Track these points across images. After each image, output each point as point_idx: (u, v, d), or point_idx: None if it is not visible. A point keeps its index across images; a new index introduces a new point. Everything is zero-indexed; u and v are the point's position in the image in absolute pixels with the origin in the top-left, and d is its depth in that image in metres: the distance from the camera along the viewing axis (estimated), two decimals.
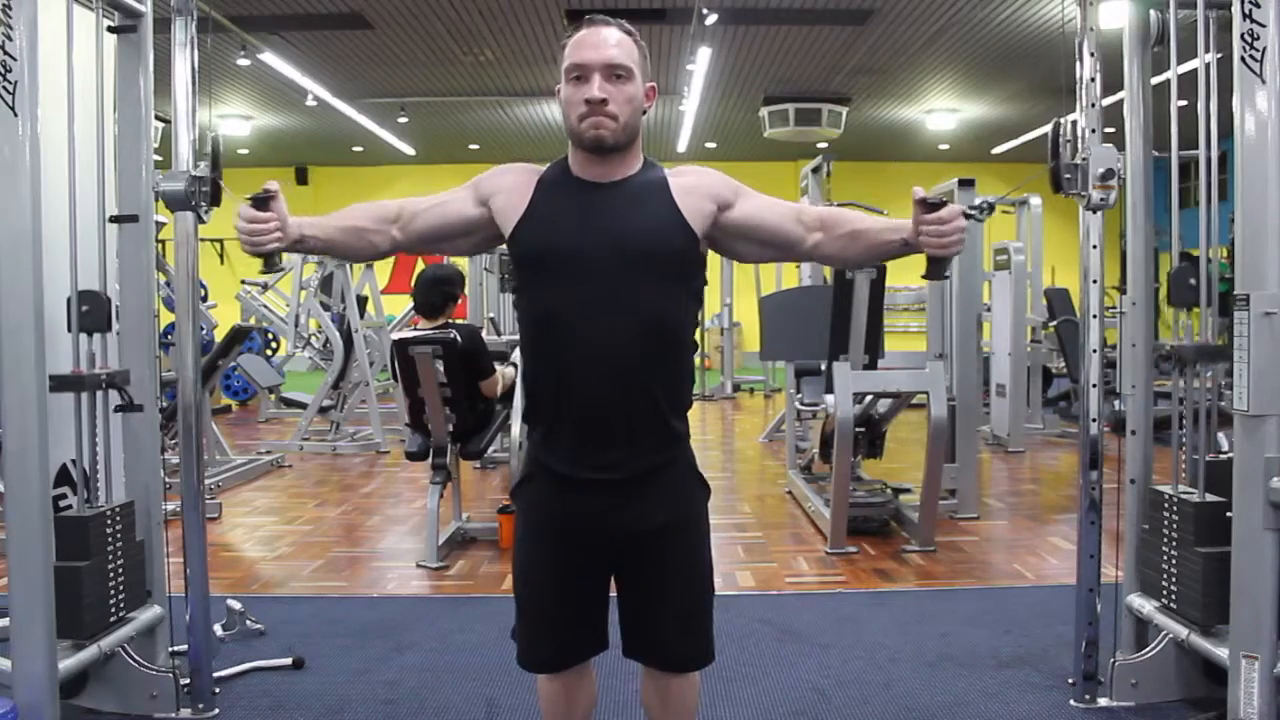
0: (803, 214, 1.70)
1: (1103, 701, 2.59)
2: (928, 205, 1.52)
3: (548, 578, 1.72)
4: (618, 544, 1.69)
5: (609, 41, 1.60)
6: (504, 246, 1.71)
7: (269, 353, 9.75)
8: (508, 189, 1.67)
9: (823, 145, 10.76)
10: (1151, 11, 2.55)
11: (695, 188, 1.66)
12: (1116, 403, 2.85)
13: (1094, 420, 2.61)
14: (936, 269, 1.59)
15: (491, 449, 4.87)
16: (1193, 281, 2.44)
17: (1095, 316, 2.61)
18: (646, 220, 1.61)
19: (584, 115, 1.58)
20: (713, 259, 1.77)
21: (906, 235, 1.57)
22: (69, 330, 2.39)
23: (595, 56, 1.58)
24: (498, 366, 4.30)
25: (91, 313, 2.41)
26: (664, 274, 1.62)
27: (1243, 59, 2.08)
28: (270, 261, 1.61)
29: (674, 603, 1.71)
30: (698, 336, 1.82)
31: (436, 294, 4.32)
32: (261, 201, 1.54)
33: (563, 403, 1.63)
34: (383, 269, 11.72)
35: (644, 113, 1.66)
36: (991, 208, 1.65)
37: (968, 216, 1.54)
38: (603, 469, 1.63)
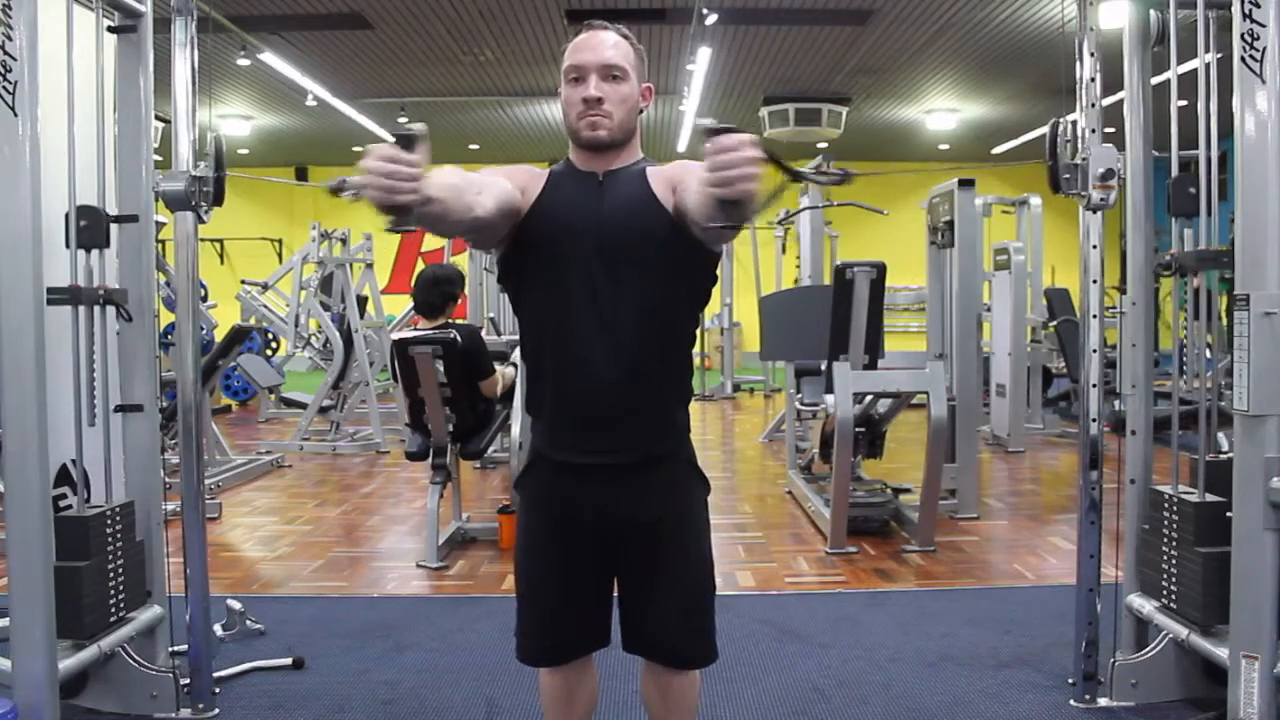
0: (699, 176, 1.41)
1: (1103, 701, 2.59)
2: (713, 131, 1.22)
3: (550, 568, 1.74)
4: (618, 534, 1.70)
5: (606, 44, 1.65)
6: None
7: (269, 353, 9.75)
8: (529, 183, 1.69)
9: (823, 145, 10.76)
10: (1151, 11, 2.55)
11: (663, 173, 1.68)
12: (1116, 403, 2.85)
13: (1094, 420, 2.61)
14: (724, 211, 1.23)
15: (491, 449, 4.87)
16: (1192, 190, 2.41)
17: (1095, 316, 2.61)
18: (625, 202, 1.65)
19: (581, 114, 1.64)
20: None
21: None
22: (66, 246, 2.35)
23: (592, 58, 1.63)
24: (498, 366, 4.30)
25: (89, 228, 2.38)
26: (655, 260, 1.63)
27: (1243, 59, 2.08)
28: (401, 219, 1.27)
29: (674, 598, 1.72)
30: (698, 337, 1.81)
31: (436, 294, 4.32)
32: (409, 140, 1.24)
33: (565, 387, 1.66)
34: (383, 269, 11.71)
35: (640, 112, 1.71)
36: (846, 176, 1.41)
37: (770, 156, 1.24)
38: (604, 453, 1.65)
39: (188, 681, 2.58)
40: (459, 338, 4.02)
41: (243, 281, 8.77)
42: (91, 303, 2.39)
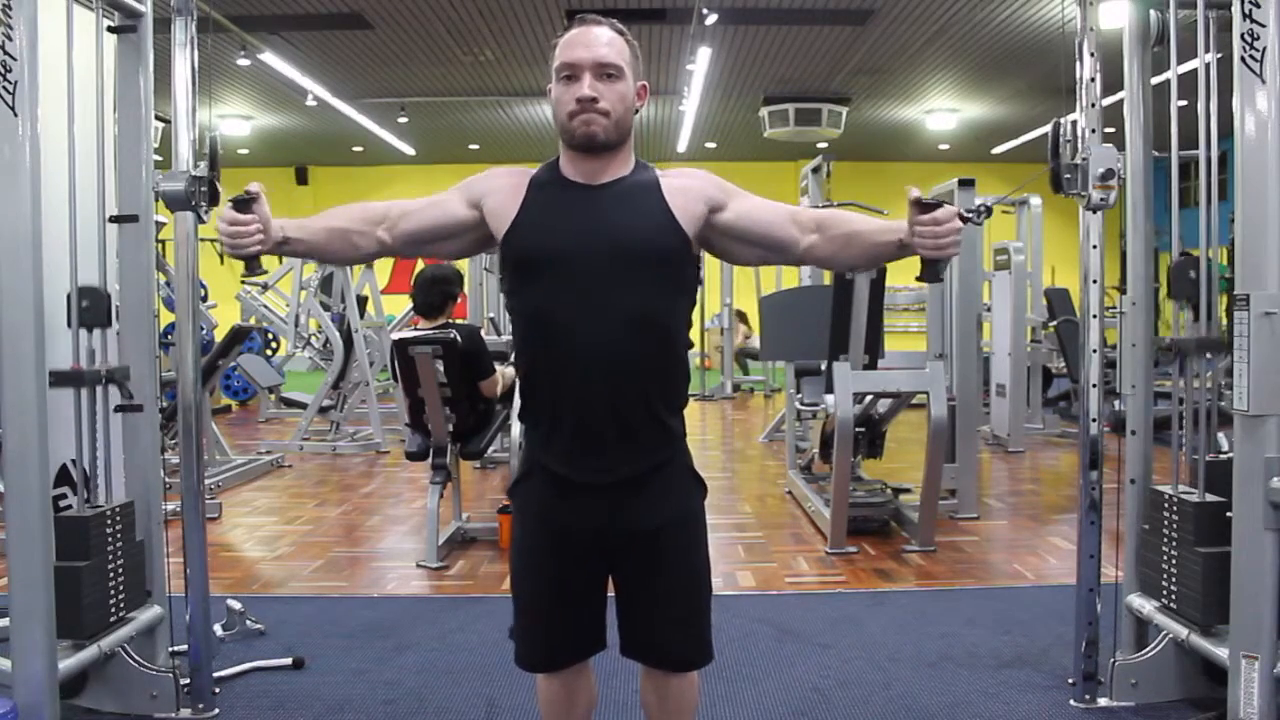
0: (798, 216, 1.69)
1: (1103, 701, 2.59)
2: (923, 206, 1.48)
3: (545, 577, 1.72)
4: (615, 544, 1.69)
5: (600, 40, 1.59)
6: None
7: (269, 353, 9.75)
8: (500, 190, 1.66)
9: (823, 145, 10.76)
10: (1151, 11, 2.55)
11: (686, 189, 1.65)
12: (1116, 403, 2.85)
13: (1094, 420, 2.61)
14: (931, 271, 1.55)
15: (491, 449, 4.87)
16: (1192, 274, 2.43)
17: (1095, 316, 2.61)
18: (638, 221, 1.61)
19: (575, 113, 1.58)
20: (711, 261, 1.76)
21: (903, 236, 1.54)
22: (69, 326, 2.39)
23: (586, 55, 1.58)
24: (498, 366, 4.30)
25: (91, 308, 2.40)
26: (656, 274, 1.62)
27: (1243, 59, 2.08)
28: (252, 265, 1.58)
29: (671, 602, 1.71)
30: (697, 338, 1.81)
31: (436, 294, 4.32)
32: (244, 203, 1.52)
33: (558, 403, 1.63)
34: (383, 269, 11.71)
35: (635, 112, 1.66)
36: (989, 210, 1.62)
37: (965, 219, 1.51)
38: (599, 470, 1.63)
39: (188, 681, 2.58)
40: (459, 338, 4.02)
41: (243, 281, 8.76)
42: (94, 384, 2.42)
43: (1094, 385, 2.60)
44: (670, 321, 1.65)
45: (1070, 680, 2.68)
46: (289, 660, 2.91)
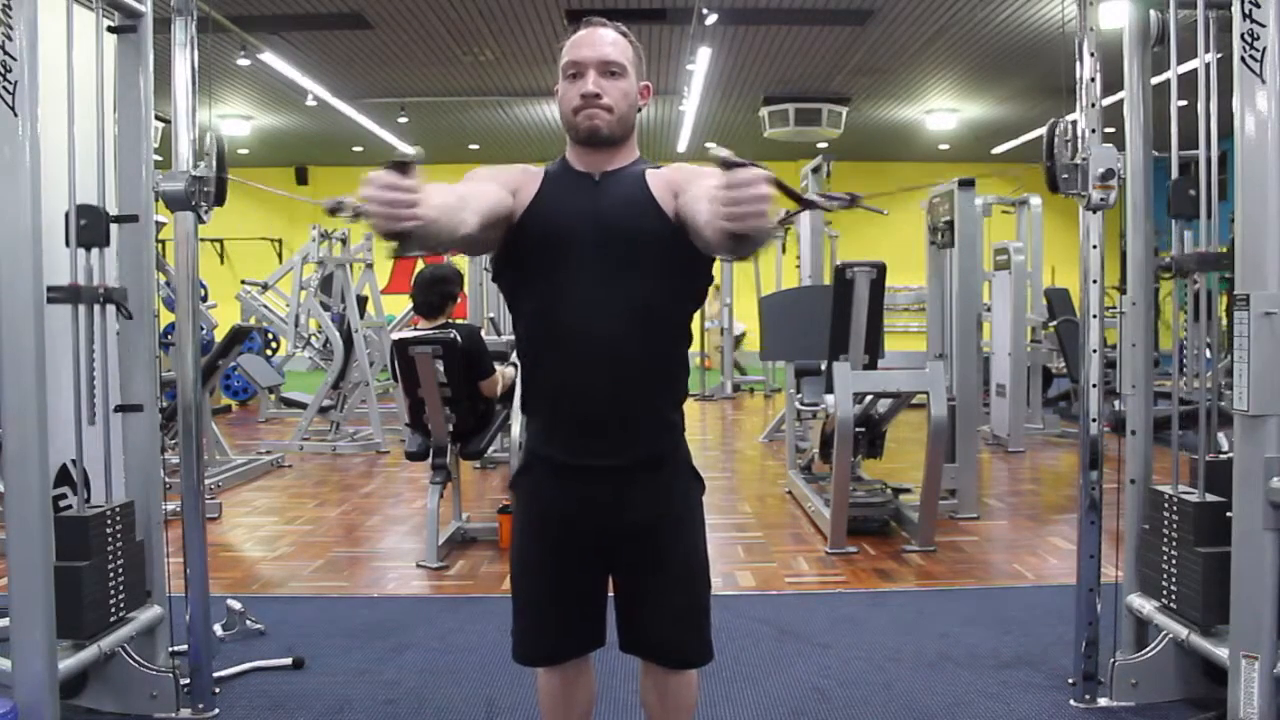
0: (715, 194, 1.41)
1: (1103, 701, 2.59)
2: (728, 165, 1.16)
3: (545, 570, 1.73)
4: (614, 535, 1.69)
5: (604, 40, 1.65)
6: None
7: (269, 353, 9.75)
8: (523, 183, 1.68)
9: (823, 145, 10.76)
10: (1151, 11, 2.55)
11: (663, 176, 1.67)
12: (1116, 403, 2.85)
13: (1094, 420, 2.61)
14: (733, 244, 1.21)
15: (491, 449, 4.87)
16: (1192, 192, 2.41)
17: (1095, 316, 2.61)
18: (621, 205, 1.64)
19: (579, 108, 1.63)
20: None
21: None
22: (66, 245, 2.34)
23: (591, 54, 1.63)
24: (498, 366, 4.30)
25: (89, 226, 2.38)
26: (650, 260, 1.62)
27: (1243, 59, 2.08)
28: (406, 244, 1.25)
29: (670, 597, 1.72)
30: (697, 338, 1.81)
31: (435, 294, 4.32)
32: (404, 166, 1.23)
33: (559, 391, 1.65)
34: (383, 269, 11.71)
35: (638, 110, 1.70)
36: (852, 200, 1.34)
37: (787, 190, 1.23)
38: (599, 455, 1.65)
39: (188, 681, 2.58)
40: (459, 338, 4.02)
41: (243, 281, 8.77)
42: (92, 301, 2.38)
43: (1094, 385, 2.60)
44: (668, 311, 1.67)
45: (1070, 680, 2.68)
46: (289, 660, 2.91)
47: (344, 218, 1.41)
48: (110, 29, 2.54)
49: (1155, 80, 2.59)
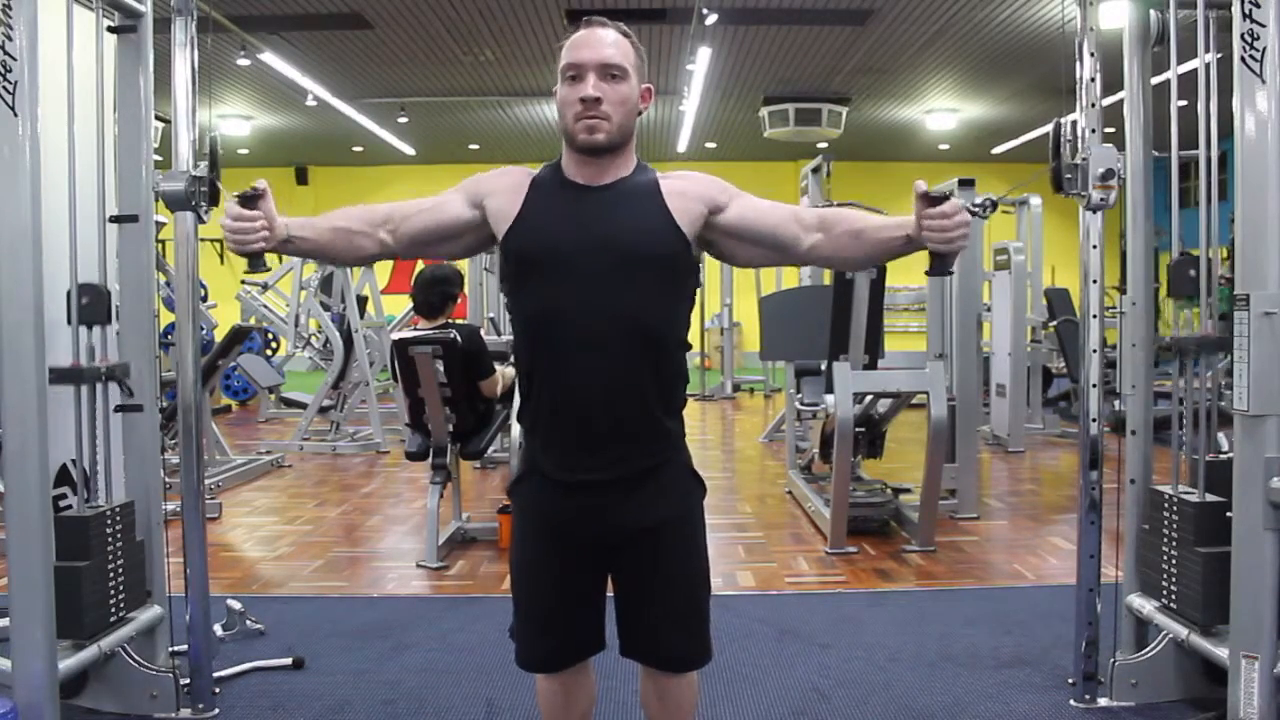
0: (801, 215, 1.68)
1: (1103, 701, 2.59)
2: (930, 199, 1.48)
3: (544, 576, 1.72)
4: (613, 542, 1.69)
5: (605, 42, 1.60)
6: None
7: (269, 353, 9.75)
8: (502, 190, 1.67)
9: (823, 145, 10.77)
10: (1151, 11, 2.55)
11: (686, 191, 1.65)
12: (1116, 403, 2.85)
13: (1094, 420, 2.61)
14: (940, 265, 1.55)
15: (491, 449, 4.86)
16: (1192, 273, 2.43)
17: (1095, 316, 2.61)
18: (637, 223, 1.62)
19: (579, 115, 1.59)
20: (711, 261, 1.76)
21: (910, 231, 1.54)
22: (69, 323, 2.38)
23: (591, 56, 1.59)
24: (498, 366, 4.30)
25: (91, 305, 2.40)
26: (655, 277, 1.62)
27: (1243, 59, 2.08)
28: (255, 262, 1.58)
29: (670, 601, 1.71)
30: (697, 338, 1.81)
31: (435, 294, 4.32)
32: (249, 199, 1.51)
33: (556, 403, 1.64)
34: (382, 269, 11.72)
35: (639, 114, 1.66)
36: (994, 205, 1.59)
37: (971, 213, 1.51)
38: (597, 469, 1.63)
39: (188, 681, 2.58)
40: (459, 338, 4.02)
41: (243, 281, 8.77)
42: (94, 381, 2.41)
43: (1094, 385, 2.60)
44: (668, 324, 1.66)
45: (1070, 680, 2.68)
46: (289, 660, 2.91)
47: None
48: (110, 29, 2.54)
49: (1155, 80, 2.59)
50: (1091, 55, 2.55)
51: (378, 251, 1.70)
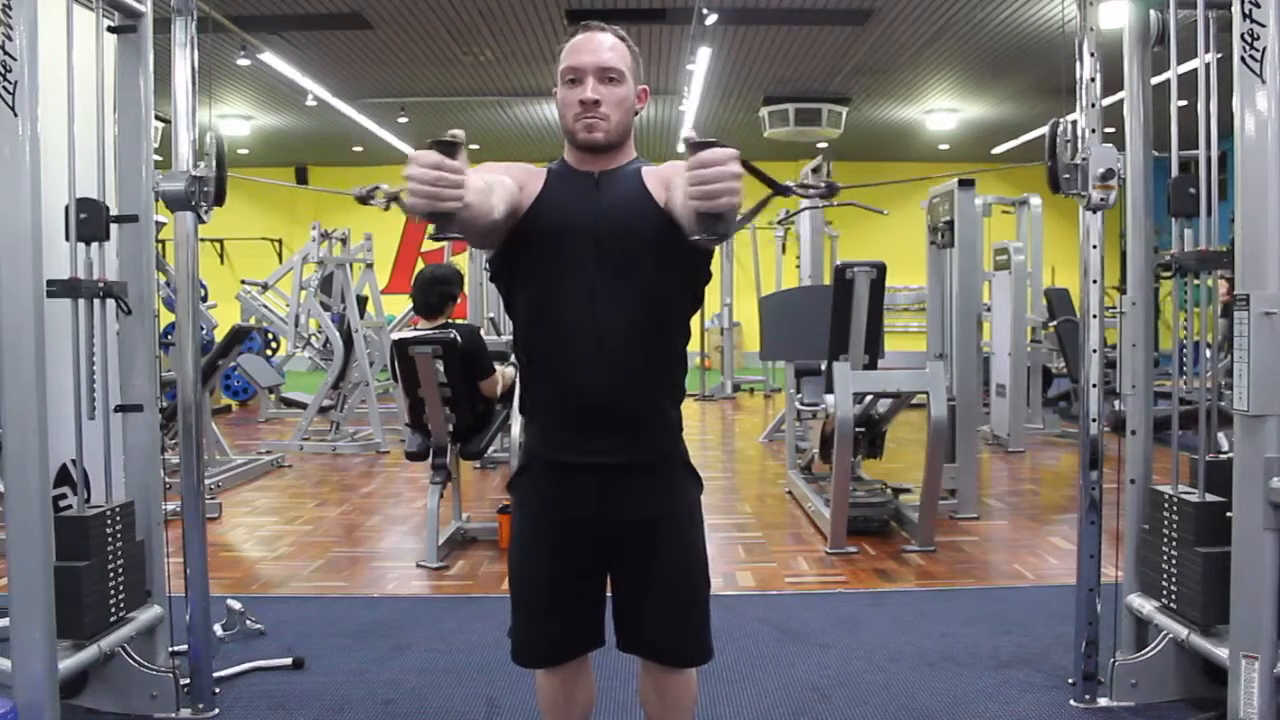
0: (672, 179, 1.57)
1: (1103, 701, 2.59)
2: (695, 146, 1.22)
3: (543, 571, 1.73)
4: (612, 535, 1.70)
5: (603, 45, 1.65)
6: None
7: (269, 353, 9.75)
8: (528, 180, 1.69)
9: (823, 145, 10.76)
10: (1151, 11, 2.55)
11: (658, 172, 1.68)
12: (1116, 403, 2.85)
13: (1094, 420, 2.61)
14: (707, 226, 1.25)
15: (491, 449, 4.87)
16: (1192, 190, 2.40)
17: (1095, 316, 2.61)
18: (620, 200, 1.65)
19: (578, 116, 1.64)
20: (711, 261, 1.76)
21: None
22: (66, 239, 2.34)
23: (589, 60, 1.63)
24: (498, 366, 4.30)
25: (89, 220, 2.38)
26: (649, 255, 1.63)
27: (1243, 59, 2.08)
28: (446, 224, 1.27)
29: (669, 595, 1.72)
30: (697, 338, 1.82)
31: (435, 294, 4.32)
32: (450, 147, 1.24)
33: (558, 387, 1.66)
34: (383, 269, 11.71)
35: (636, 113, 1.71)
36: (834, 190, 1.43)
37: (780, 190, 1.29)
38: (597, 453, 1.65)
39: (188, 681, 2.58)
40: (459, 338, 4.02)
41: (243, 281, 8.77)
42: (91, 295, 2.38)
43: (1094, 385, 2.60)
44: (666, 308, 1.68)
45: (1070, 680, 2.68)
46: (289, 660, 2.91)
47: (377, 205, 1.46)
48: (110, 29, 2.54)
49: (1155, 80, 2.59)
50: (1091, 55, 2.55)
51: (496, 219, 1.52)
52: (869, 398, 4.43)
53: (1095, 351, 2.60)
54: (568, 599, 1.73)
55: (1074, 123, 2.50)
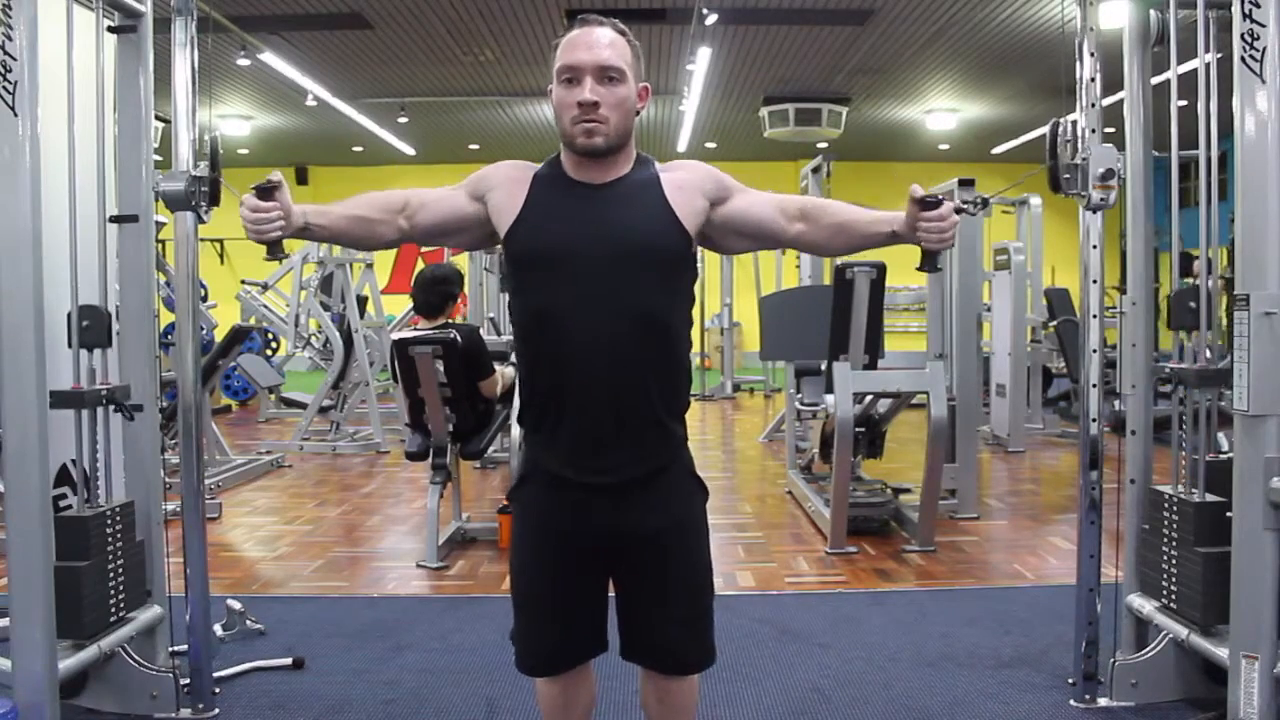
0: (785, 205, 1.71)
1: (1103, 701, 2.59)
2: (925, 204, 1.57)
3: (545, 579, 1.71)
4: (615, 547, 1.68)
5: (601, 42, 1.57)
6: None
7: (269, 353, 9.75)
8: (503, 185, 1.66)
9: (823, 145, 10.76)
10: (1151, 11, 2.55)
11: (686, 183, 1.65)
12: (1116, 403, 2.85)
13: (1094, 420, 2.61)
14: (931, 262, 1.67)
15: (491, 449, 4.87)
16: (1192, 305, 2.44)
17: (1095, 316, 2.61)
18: (640, 220, 1.61)
19: (576, 119, 1.57)
20: (712, 260, 1.77)
21: (896, 228, 1.62)
22: (69, 346, 2.38)
23: (588, 58, 1.56)
24: (498, 366, 4.30)
25: (92, 328, 2.40)
26: (658, 274, 1.61)
27: (1243, 59, 2.08)
28: (274, 249, 1.61)
29: (673, 605, 1.70)
30: (697, 338, 1.82)
31: (436, 294, 4.32)
32: (266, 191, 1.56)
33: (559, 404, 1.62)
34: (383, 269, 11.70)
35: (637, 114, 1.64)
36: (985, 203, 1.70)
37: (960, 211, 1.62)
38: (599, 472, 1.62)
39: (188, 681, 2.58)
40: (459, 338, 4.02)
41: (243, 281, 8.77)
42: (95, 404, 2.41)
43: (1094, 385, 2.60)
44: (671, 322, 1.65)
45: (1070, 680, 2.68)
46: (289, 660, 2.91)
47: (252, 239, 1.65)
48: (110, 29, 2.54)
49: (1155, 80, 2.59)
50: (1091, 55, 2.55)
51: (396, 238, 1.72)
52: (869, 398, 4.43)
53: (1095, 351, 2.60)
54: (570, 608, 1.71)
55: (1074, 123, 2.50)
